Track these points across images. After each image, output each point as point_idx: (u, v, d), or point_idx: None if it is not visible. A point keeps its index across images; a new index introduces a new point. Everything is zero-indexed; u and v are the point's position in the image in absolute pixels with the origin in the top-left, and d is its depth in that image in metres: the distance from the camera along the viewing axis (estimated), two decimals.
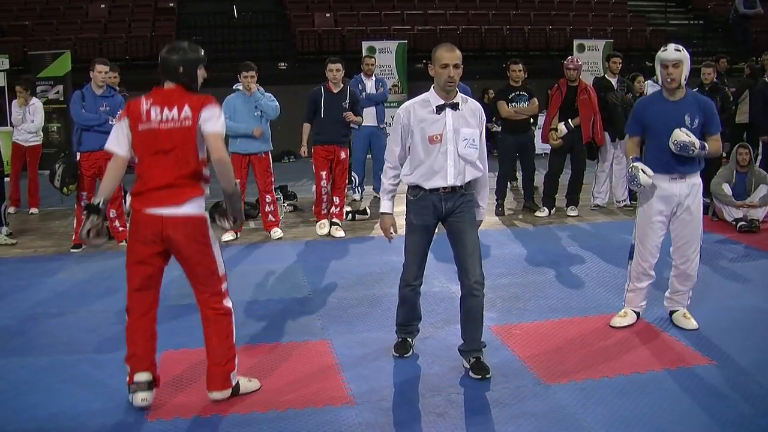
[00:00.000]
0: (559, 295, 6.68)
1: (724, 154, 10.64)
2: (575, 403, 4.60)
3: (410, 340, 5.45)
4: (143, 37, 16.46)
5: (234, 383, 4.65)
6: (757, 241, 8.42)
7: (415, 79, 16.14)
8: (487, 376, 4.92)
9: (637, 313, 5.98)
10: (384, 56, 15.52)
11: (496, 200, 10.13)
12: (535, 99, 9.91)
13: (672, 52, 5.64)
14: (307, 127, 9.10)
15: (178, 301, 6.48)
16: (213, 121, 4.34)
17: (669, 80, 5.63)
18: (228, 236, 8.83)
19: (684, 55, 5.61)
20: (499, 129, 10.75)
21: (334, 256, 8.22)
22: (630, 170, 5.65)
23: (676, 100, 5.66)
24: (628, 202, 10.32)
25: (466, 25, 17.89)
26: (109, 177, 4.53)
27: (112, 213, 8.60)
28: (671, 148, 5.51)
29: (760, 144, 11.01)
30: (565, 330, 5.86)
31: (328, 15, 17.83)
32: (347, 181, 9.80)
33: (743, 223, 8.80)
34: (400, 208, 5.30)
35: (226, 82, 9.59)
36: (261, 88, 8.78)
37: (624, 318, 5.94)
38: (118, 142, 4.44)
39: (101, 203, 4.47)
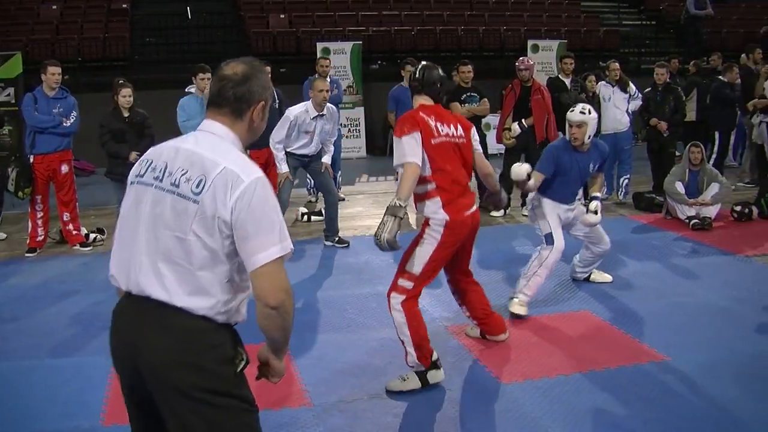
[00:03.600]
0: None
1: (677, 153, 10.82)
2: (532, 402, 4.65)
3: None
4: (96, 38, 16.21)
5: None
6: (710, 238, 8.54)
7: (369, 80, 16.10)
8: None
9: None
10: (339, 57, 15.42)
11: None
12: (486, 99, 9.93)
13: (577, 114, 6.24)
14: None
15: None
16: (478, 141, 5.15)
17: (572, 138, 6.24)
18: None
19: (588, 117, 6.22)
20: None
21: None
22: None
23: (585, 152, 6.36)
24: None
25: (420, 26, 17.89)
26: (410, 184, 4.72)
27: (66, 216, 8.48)
28: (584, 227, 6.49)
29: (716, 142, 11.21)
30: (522, 328, 5.90)
31: (282, 16, 17.71)
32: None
33: (696, 221, 8.92)
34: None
35: (181, 83, 9.49)
36: None
37: (523, 307, 6.12)
38: (415, 153, 4.72)
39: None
